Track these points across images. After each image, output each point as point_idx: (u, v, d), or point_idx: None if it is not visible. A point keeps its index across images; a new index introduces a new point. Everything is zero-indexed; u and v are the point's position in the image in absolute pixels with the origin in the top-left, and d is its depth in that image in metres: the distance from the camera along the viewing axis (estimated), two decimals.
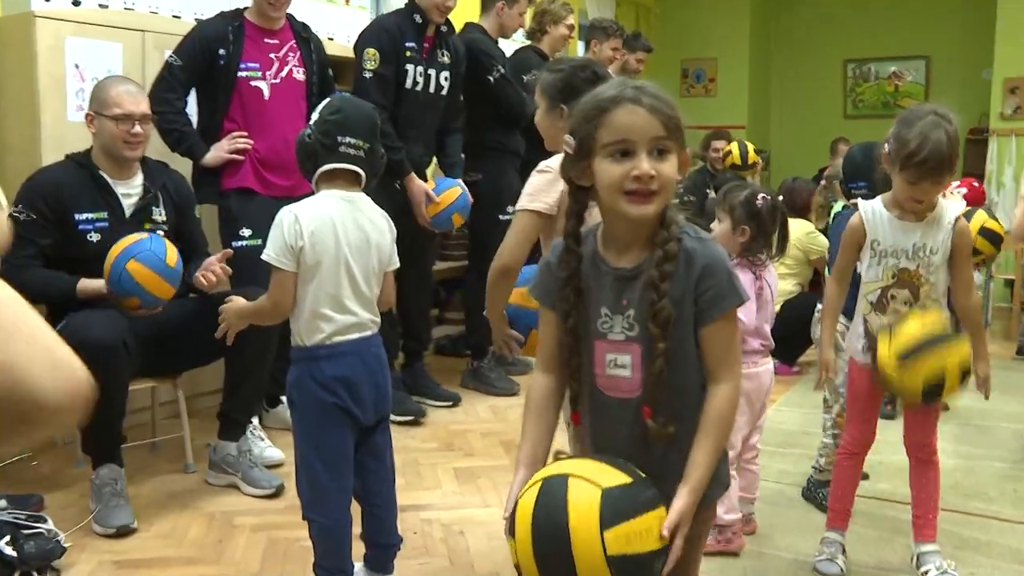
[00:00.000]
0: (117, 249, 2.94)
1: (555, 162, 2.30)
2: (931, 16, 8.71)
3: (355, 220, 2.26)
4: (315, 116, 2.29)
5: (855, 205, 2.54)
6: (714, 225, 2.73)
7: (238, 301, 2.44)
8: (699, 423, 1.53)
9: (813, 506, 3.13)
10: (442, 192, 4.06)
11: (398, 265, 2.40)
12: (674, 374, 1.51)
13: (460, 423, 4.05)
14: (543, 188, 2.26)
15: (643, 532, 1.42)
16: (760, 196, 2.66)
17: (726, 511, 2.69)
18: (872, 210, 2.44)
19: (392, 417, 4.10)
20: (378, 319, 2.31)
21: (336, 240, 2.21)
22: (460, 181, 4.19)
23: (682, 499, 1.47)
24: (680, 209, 1.57)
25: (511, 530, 1.47)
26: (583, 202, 1.57)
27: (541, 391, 1.66)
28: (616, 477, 1.45)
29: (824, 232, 4.93)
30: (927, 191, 2.32)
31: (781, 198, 2.89)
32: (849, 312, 3.01)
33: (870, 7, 8.96)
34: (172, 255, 3.00)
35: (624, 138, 1.46)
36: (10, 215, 2.99)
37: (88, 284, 3.01)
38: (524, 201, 2.29)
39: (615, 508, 1.41)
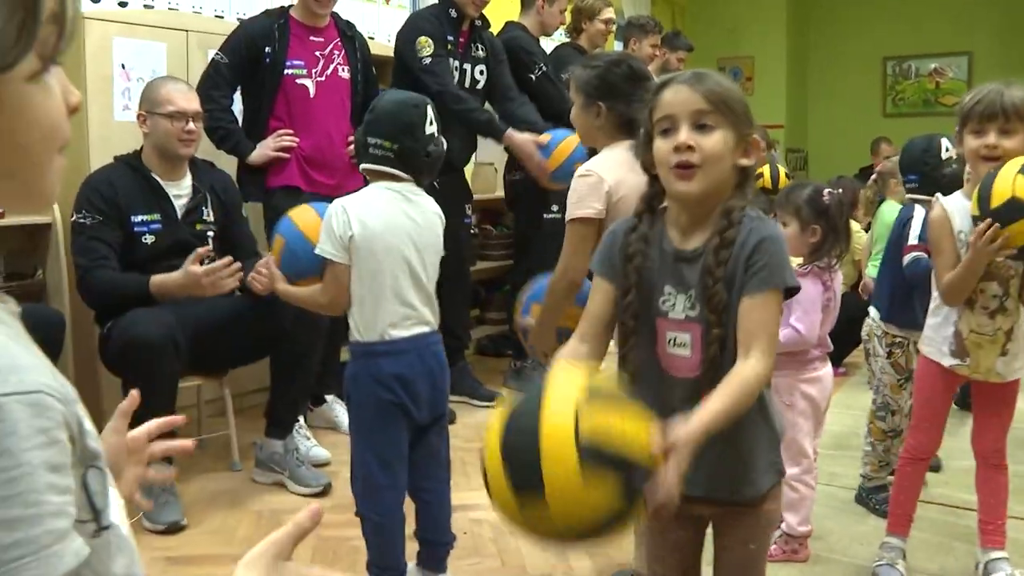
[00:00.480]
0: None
1: (595, 164, 2.27)
2: (973, 11, 8.59)
3: (405, 211, 2.24)
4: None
5: (912, 201, 2.47)
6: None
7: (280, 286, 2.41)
8: (717, 388, 1.43)
9: (867, 510, 3.07)
10: (559, 143, 3.68)
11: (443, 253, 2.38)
12: (729, 360, 1.49)
13: None
14: (587, 193, 2.23)
15: (626, 432, 1.21)
16: (826, 192, 2.57)
17: (799, 522, 2.64)
18: (954, 203, 2.33)
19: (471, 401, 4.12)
20: (437, 314, 2.29)
21: (387, 230, 2.19)
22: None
23: (684, 426, 1.32)
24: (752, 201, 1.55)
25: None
26: (657, 187, 1.58)
27: (571, 354, 1.57)
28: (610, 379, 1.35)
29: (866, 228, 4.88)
30: (996, 140, 2.22)
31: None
32: (902, 320, 2.94)
33: (910, 3, 8.86)
34: None
35: (667, 114, 1.51)
36: (74, 222, 3.01)
37: (163, 279, 2.96)
38: (571, 210, 2.26)
39: (597, 391, 1.25)
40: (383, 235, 2.18)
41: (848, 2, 9.24)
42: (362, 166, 2.27)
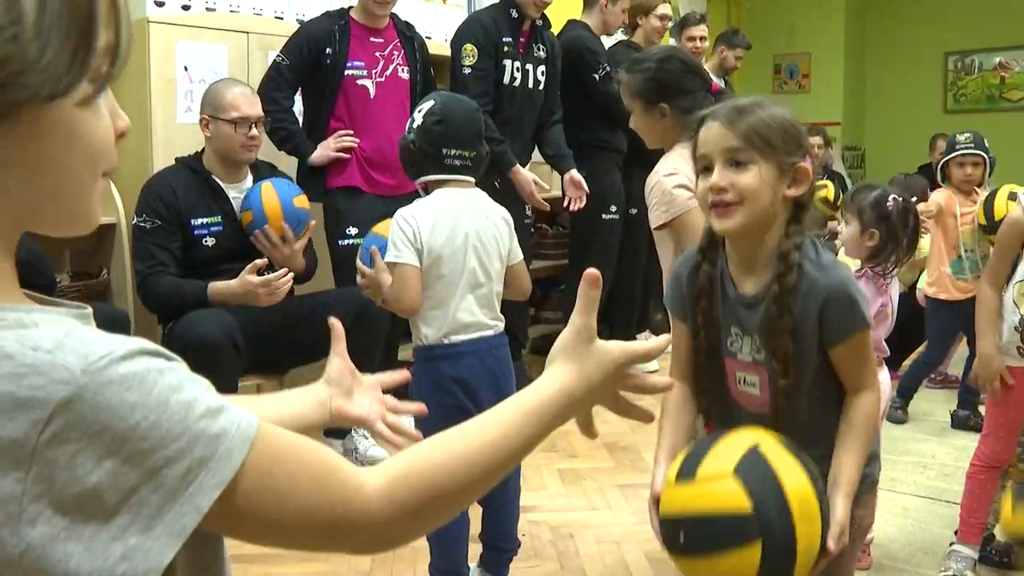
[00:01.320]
0: (273, 200, 3.11)
1: (677, 161, 2.20)
2: None
3: (472, 216, 2.24)
4: (417, 119, 2.24)
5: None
6: (842, 227, 2.61)
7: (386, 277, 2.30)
8: (840, 431, 1.51)
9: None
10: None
11: (521, 258, 2.37)
12: (799, 403, 1.51)
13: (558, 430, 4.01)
14: (672, 194, 2.16)
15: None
16: (891, 197, 2.52)
17: None
18: None
19: None
20: (500, 318, 2.29)
21: (453, 238, 2.19)
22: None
23: (840, 508, 1.43)
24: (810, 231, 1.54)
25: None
26: None
27: (677, 396, 1.66)
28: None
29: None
30: None
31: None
32: None
33: None
34: (302, 200, 3.17)
35: (703, 153, 1.52)
36: (135, 225, 3.06)
37: (220, 285, 3.01)
38: (666, 212, 2.16)
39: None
40: (449, 242, 2.19)
41: None
42: (433, 177, 2.24)
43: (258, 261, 3.00)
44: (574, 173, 4.12)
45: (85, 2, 0.64)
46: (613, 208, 4.47)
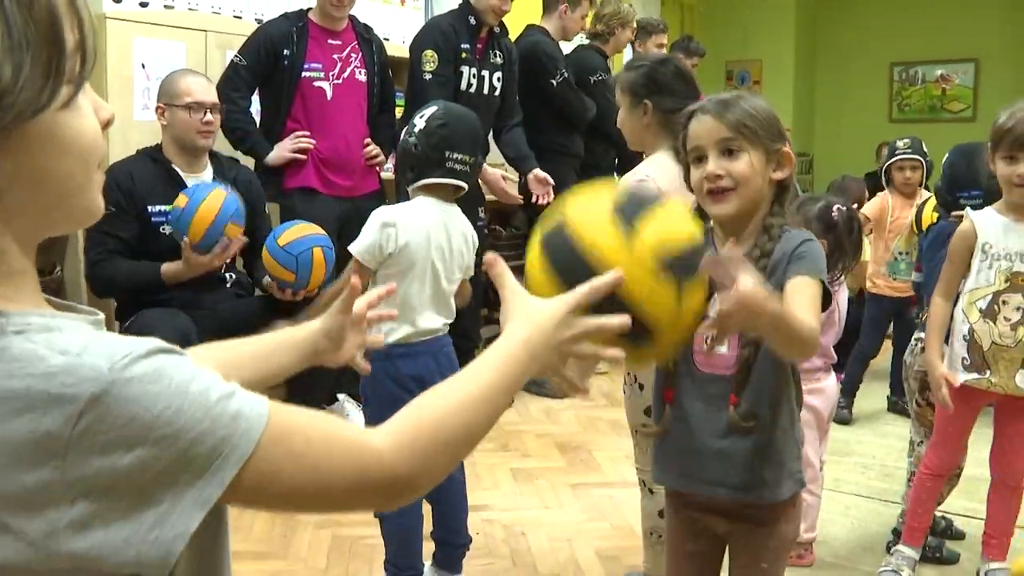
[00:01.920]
0: (210, 212, 2.98)
1: (651, 170, 2.28)
2: (980, 17, 8.61)
3: (446, 228, 2.30)
4: (419, 124, 2.29)
5: (959, 218, 2.46)
6: None
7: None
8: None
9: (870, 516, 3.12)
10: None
11: (472, 275, 2.44)
12: (762, 363, 1.56)
13: (514, 424, 4.07)
14: None
15: (674, 222, 1.28)
16: (835, 207, 2.62)
17: (805, 529, 2.67)
18: (983, 215, 2.39)
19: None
20: (451, 321, 2.35)
21: (427, 247, 2.25)
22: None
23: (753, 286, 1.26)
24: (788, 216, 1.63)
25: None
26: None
27: None
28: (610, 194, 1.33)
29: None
30: None
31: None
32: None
33: (917, 9, 8.88)
34: (234, 230, 3.09)
35: (695, 145, 1.61)
36: None
37: (171, 267, 3.05)
38: None
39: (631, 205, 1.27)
40: (424, 250, 2.25)
41: (856, 7, 9.26)
42: (433, 180, 2.28)
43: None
44: (537, 171, 4.18)
45: (45, 12, 0.67)
46: None
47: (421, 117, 2.30)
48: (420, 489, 0.82)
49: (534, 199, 4.21)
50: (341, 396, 3.92)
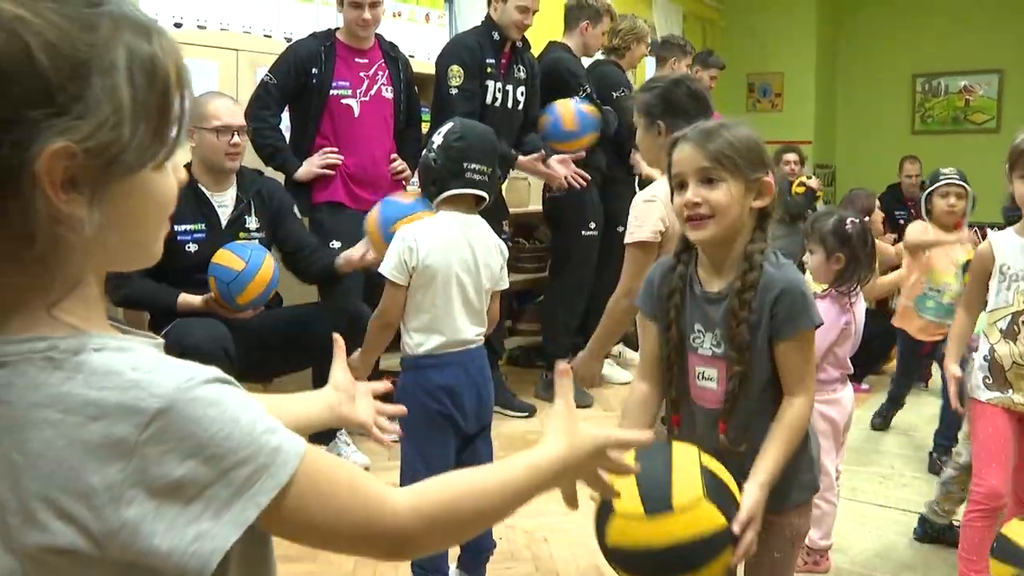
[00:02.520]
0: (264, 280, 3.12)
1: (658, 188, 2.37)
2: (1003, 28, 8.56)
3: (468, 241, 2.38)
4: (437, 140, 2.38)
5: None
6: (807, 257, 2.76)
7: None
8: (771, 428, 1.63)
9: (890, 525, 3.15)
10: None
11: (507, 286, 2.51)
12: (748, 394, 1.64)
13: (536, 433, 4.14)
14: (645, 216, 2.36)
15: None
16: (848, 221, 2.69)
17: (821, 536, 2.73)
18: (1001, 236, 2.41)
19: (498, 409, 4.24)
20: (483, 332, 2.42)
21: (450, 260, 2.33)
22: None
23: (752, 494, 1.54)
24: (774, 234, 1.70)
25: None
26: None
27: (637, 397, 1.80)
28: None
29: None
30: None
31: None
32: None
33: (940, 20, 8.87)
34: (267, 269, 3.16)
35: (677, 171, 1.68)
36: None
37: (188, 299, 3.14)
38: (630, 234, 2.40)
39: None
40: (445, 263, 2.33)
41: (878, 19, 9.27)
42: (454, 192, 2.36)
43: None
44: (556, 156, 4.25)
45: (163, 84, 0.78)
46: (592, 224, 4.60)
47: (439, 134, 2.39)
48: (419, 552, 0.90)
49: (566, 184, 4.24)
50: (339, 435, 3.89)
